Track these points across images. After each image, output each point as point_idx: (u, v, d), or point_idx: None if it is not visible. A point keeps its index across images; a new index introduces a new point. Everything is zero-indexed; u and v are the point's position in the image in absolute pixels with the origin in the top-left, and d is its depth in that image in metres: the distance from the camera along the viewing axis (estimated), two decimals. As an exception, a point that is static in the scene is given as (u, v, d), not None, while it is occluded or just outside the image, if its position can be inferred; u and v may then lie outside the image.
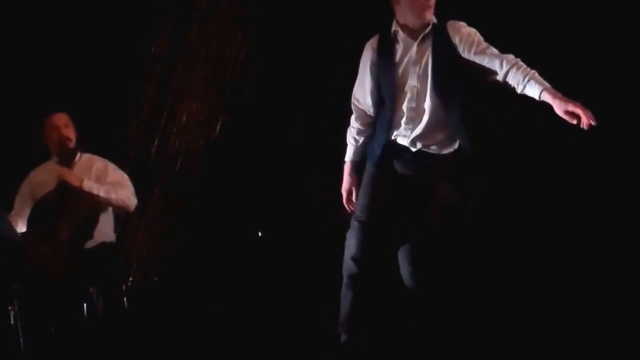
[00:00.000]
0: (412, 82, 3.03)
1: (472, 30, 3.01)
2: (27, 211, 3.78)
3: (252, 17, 4.58)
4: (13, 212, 3.85)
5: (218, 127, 4.66)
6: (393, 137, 3.09)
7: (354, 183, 3.26)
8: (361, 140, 3.23)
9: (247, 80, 4.61)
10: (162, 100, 4.64)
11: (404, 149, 3.09)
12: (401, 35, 3.04)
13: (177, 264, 4.60)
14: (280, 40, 4.43)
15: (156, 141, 4.63)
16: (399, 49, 3.05)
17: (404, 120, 3.05)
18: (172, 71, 4.64)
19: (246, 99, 4.61)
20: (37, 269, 3.51)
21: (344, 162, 3.29)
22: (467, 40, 2.97)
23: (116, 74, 4.48)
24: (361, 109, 3.18)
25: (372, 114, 3.16)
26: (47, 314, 3.51)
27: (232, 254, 4.55)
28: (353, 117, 3.22)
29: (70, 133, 3.83)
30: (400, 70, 3.04)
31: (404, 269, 3.18)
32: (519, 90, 2.90)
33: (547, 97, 2.83)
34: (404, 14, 3.01)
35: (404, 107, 3.04)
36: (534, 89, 2.85)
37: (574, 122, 2.78)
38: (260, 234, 4.58)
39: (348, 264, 3.10)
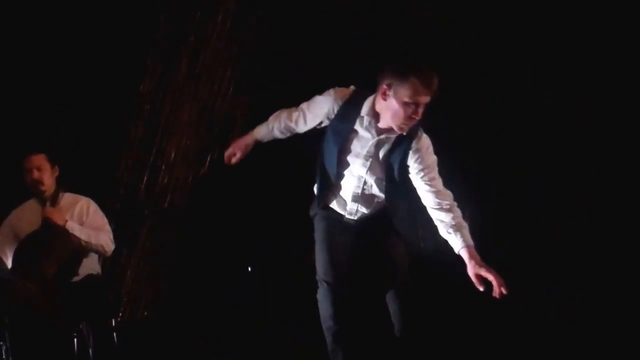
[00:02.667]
0: (360, 172, 2.98)
1: (432, 158, 2.95)
2: (7, 249, 3.80)
3: (240, 52, 4.61)
4: None
5: (207, 162, 4.67)
6: (333, 206, 3.10)
7: (244, 150, 3.18)
8: (277, 136, 3.16)
9: (236, 116, 4.63)
10: (151, 137, 4.65)
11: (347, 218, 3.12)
12: (367, 122, 2.91)
13: (167, 299, 4.60)
14: (268, 76, 4.46)
15: (145, 177, 4.64)
16: (359, 128, 2.94)
17: (348, 200, 3.05)
18: (161, 108, 4.65)
19: (235, 134, 4.49)
20: (25, 306, 3.49)
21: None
22: (421, 165, 2.93)
23: (105, 111, 4.52)
24: (299, 125, 3.10)
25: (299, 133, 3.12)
26: (37, 351, 3.50)
27: (221, 288, 4.54)
28: (289, 115, 3.10)
29: (44, 176, 3.80)
30: (349, 147, 2.97)
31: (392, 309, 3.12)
32: (442, 234, 2.92)
33: (464, 255, 2.86)
34: (384, 111, 2.86)
35: (350, 190, 3.03)
36: (457, 241, 2.88)
37: (481, 288, 2.82)
38: (249, 269, 4.59)
39: (328, 324, 3.00)
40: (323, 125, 3.06)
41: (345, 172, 3.03)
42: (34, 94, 4.53)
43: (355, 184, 3.01)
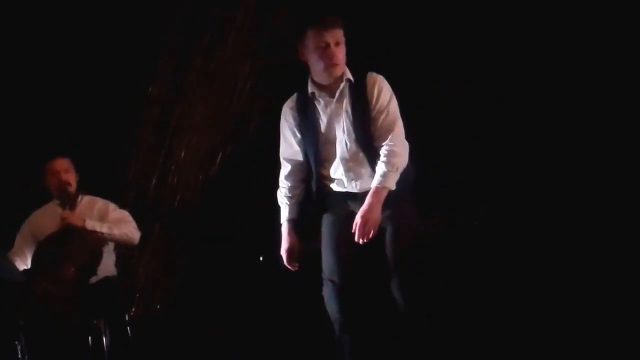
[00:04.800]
0: (339, 136, 3.08)
1: (384, 95, 3.06)
2: (26, 251, 3.93)
3: (259, 50, 4.60)
4: (12, 250, 3.95)
5: (218, 159, 4.72)
6: (339, 189, 3.14)
7: (294, 243, 3.20)
8: (295, 197, 3.21)
9: (252, 113, 4.62)
10: (161, 135, 4.71)
11: (351, 194, 3.13)
12: (318, 93, 3.09)
13: (179, 293, 4.71)
14: (286, 74, 4.31)
15: (155, 176, 4.71)
16: (319, 106, 3.10)
17: (341, 172, 3.10)
18: (172, 107, 4.70)
19: (250, 131, 4.64)
20: (44, 306, 3.62)
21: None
22: (371, 99, 3.05)
23: (115, 112, 4.58)
24: (293, 166, 3.19)
25: (304, 170, 3.19)
26: (52, 349, 3.65)
27: (233, 279, 4.64)
28: (283, 176, 3.22)
29: (71, 177, 3.94)
30: (324, 126, 3.09)
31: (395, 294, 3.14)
32: (377, 166, 3.01)
33: (374, 192, 2.96)
34: (315, 71, 3.07)
35: (338, 161, 3.10)
36: (378, 178, 2.97)
37: (354, 228, 2.94)
38: (261, 258, 4.67)
39: (335, 317, 3.11)
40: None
41: (333, 150, 3.11)
42: (44, 98, 4.61)
43: (339, 150, 3.09)
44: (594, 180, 4.03)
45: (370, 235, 2.95)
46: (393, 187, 3.00)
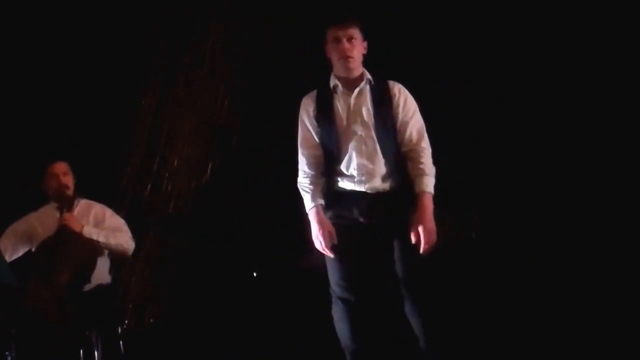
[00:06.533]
0: (357, 132, 3.11)
1: (410, 104, 3.18)
2: (8, 245, 3.85)
3: (232, 69, 4.83)
4: None
5: (208, 170, 4.80)
6: (348, 187, 3.12)
7: (328, 225, 3.07)
8: (319, 186, 3.15)
9: (234, 127, 4.79)
10: (154, 148, 4.81)
11: (359, 194, 3.10)
12: (340, 88, 3.20)
13: (172, 305, 4.68)
14: (261, 89, 4.60)
15: (149, 186, 4.77)
16: (338, 100, 3.18)
17: (354, 167, 3.10)
18: (163, 121, 4.84)
19: (234, 143, 4.75)
20: (37, 311, 3.54)
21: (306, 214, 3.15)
22: (397, 106, 3.15)
23: (111, 124, 4.69)
24: (312, 157, 3.18)
25: (322, 162, 3.17)
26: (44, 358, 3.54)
27: (226, 294, 4.62)
28: (305, 166, 3.19)
29: (69, 181, 3.95)
30: (342, 120, 3.14)
31: (409, 312, 3.05)
32: (410, 173, 3.09)
33: (420, 200, 3.02)
34: (334, 64, 3.23)
35: (352, 155, 3.10)
36: (419, 185, 3.05)
37: (413, 239, 2.95)
38: (255, 274, 4.65)
39: (346, 343, 3.01)
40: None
41: (349, 144, 3.11)
42: (44, 107, 4.76)
43: (355, 144, 3.10)
44: (593, 181, 4.07)
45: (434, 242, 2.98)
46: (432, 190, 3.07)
